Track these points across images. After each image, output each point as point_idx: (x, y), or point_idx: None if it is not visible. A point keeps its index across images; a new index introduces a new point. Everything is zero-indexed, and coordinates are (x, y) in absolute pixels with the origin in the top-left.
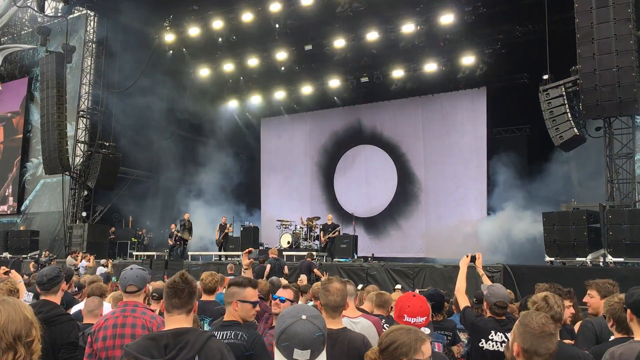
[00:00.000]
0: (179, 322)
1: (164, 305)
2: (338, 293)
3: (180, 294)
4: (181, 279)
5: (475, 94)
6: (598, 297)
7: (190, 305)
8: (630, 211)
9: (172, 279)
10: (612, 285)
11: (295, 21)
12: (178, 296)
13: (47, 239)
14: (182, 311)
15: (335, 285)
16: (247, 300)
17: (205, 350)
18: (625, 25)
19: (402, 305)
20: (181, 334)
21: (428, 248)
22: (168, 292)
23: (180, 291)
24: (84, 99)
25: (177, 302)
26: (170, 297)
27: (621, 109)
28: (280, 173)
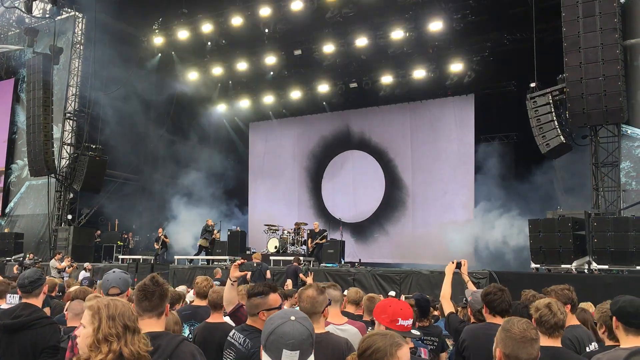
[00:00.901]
0: (150, 325)
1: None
2: (308, 300)
3: (151, 297)
4: (151, 281)
5: (463, 101)
6: None
7: (162, 308)
8: (615, 219)
9: (143, 282)
10: (569, 291)
11: (284, 26)
12: (148, 299)
13: (32, 242)
14: (152, 314)
15: (308, 292)
16: (273, 307)
17: (177, 354)
18: (611, 34)
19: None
20: (153, 338)
21: (415, 254)
22: (138, 295)
23: (151, 294)
24: (71, 100)
25: (148, 305)
26: (140, 301)
27: (607, 117)
28: (268, 177)
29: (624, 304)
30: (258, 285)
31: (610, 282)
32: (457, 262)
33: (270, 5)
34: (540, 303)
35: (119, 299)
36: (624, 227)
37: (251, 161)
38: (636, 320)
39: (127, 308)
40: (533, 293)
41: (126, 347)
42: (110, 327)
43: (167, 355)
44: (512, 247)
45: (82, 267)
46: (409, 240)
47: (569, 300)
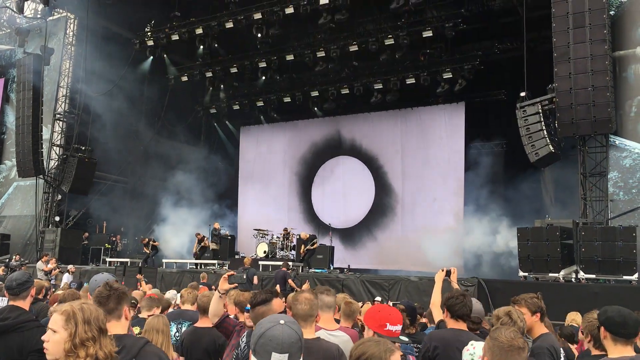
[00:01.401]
0: (112, 328)
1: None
2: (306, 302)
3: (106, 302)
4: (104, 287)
5: (453, 108)
6: (529, 313)
7: (119, 311)
8: (603, 228)
9: (98, 289)
10: (538, 299)
11: (277, 31)
12: (103, 304)
13: (19, 243)
14: (110, 318)
15: (305, 295)
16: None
17: (142, 354)
18: (601, 45)
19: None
20: (117, 339)
21: (404, 260)
22: (94, 302)
23: (105, 298)
24: (61, 102)
25: (104, 310)
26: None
27: (596, 127)
28: (258, 182)
29: (612, 314)
30: (260, 294)
31: (598, 291)
32: (446, 270)
33: (262, 9)
34: (501, 311)
35: (89, 302)
36: (611, 237)
37: (241, 165)
38: (624, 330)
39: (100, 311)
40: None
41: (101, 350)
42: (86, 332)
43: (132, 355)
44: (501, 255)
45: (65, 269)
46: (398, 247)
47: (537, 308)
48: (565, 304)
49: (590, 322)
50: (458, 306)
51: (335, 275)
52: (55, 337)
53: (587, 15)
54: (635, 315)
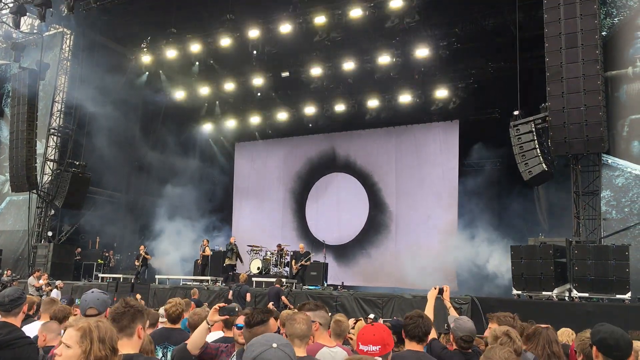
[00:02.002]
0: (122, 347)
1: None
2: (304, 322)
3: (119, 319)
4: (121, 304)
5: (448, 126)
6: None
7: (131, 329)
8: (596, 247)
9: (114, 305)
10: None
11: (273, 48)
12: (117, 321)
13: (10, 258)
14: (122, 335)
15: (301, 315)
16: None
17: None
18: (593, 65)
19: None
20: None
21: (397, 278)
22: (109, 318)
23: (120, 315)
24: (56, 116)
25: (116, 327)
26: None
27: (588, 146)
28: (253, 198)
29: (605, 335)
30: (257, 314)
31: (591, 310)
32: (439, 288)
33: (259, 27)
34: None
35: (104, 320)
36: (604, 256)
37: (236, 181)
38: (617, 352)
39: (114, 331)
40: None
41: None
42: (100, 350)
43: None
44: (494, 273)
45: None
46: (392, 264)
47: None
48: (558, 323)
49: (583, 341)
50: (410, 327)
51: (328, 292)
52: (68, 353)
53: (579, 35)
54: (628, 336)
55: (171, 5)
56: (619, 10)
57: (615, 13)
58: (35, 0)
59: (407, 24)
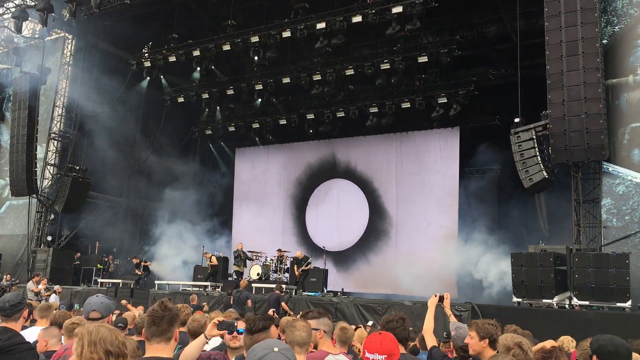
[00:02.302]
0: (158, 350)
1: (145, 334)
2: (304, 329)
3: (159, 322)
4: (160, 307)
5: (448, 133)
6: (477, 338)
7: (170, 334)
8: (596, 255)
9: (152, 307)
10: (492, 326)
11: (274, 54)
12: (156, 324)
13: (10, 263)
14: (161, 339)
15: (302, 322)
16: None
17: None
18: (594, 73)
19: (366, 341)
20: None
21: (397, 284)
22: (147, 321)
23: (159, 319)
24: (57, 121)
25: (156, 330)
26: (149, 326)
27: (589, 154)
28: (253, 203)
29: (605, 343)
30: (258, 321)
31: (591, 318)
32: (439, 296)
33: (260, 33)
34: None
35: (105, 325)
36: (604, 264)
37: (236, 187)
38: (617, 359)
39: (111, 334)
40: (514, 328)
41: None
42: (92, 352)
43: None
44: (495, 280)
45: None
46: (391, 271)
47: (487, 334)
48: (558, 331)
49: (584, 350)
50: (398, 330)
51: (328, 299)
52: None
53: (580, 43)
54: (628, 345)
55: (173, 11)
56: (619, 19)
57: (616, 21)
58: (37, 5)
59: (408, 31)
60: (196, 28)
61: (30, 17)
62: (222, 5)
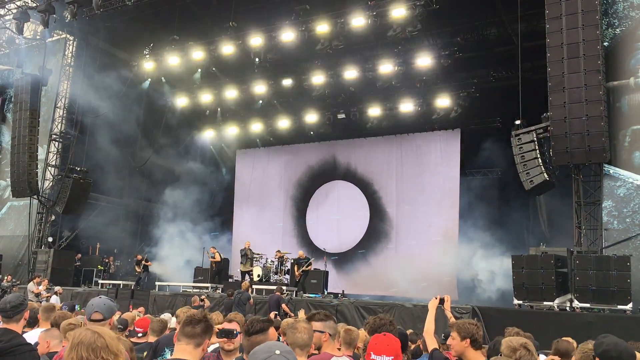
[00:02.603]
0: (184, 352)
1: (177, 335)
2: (305, 332)
3: (196, 324)
4: (201, 314)
5: (449, 135)
6: (459, 338)
7: (201, 339)
8: (597, 257)
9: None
10: (474, 326)
11: (275, 56)
12: (192, 325)
13: (10, 264)
14: (190, 341)
15: (303, 324)
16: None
17: None
18: (595, 76)
19: (371, 343)
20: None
21: (398, 286)
22: (185, 320)
23: (197, 322)
24: (58, 122)
25: (190, 331)
26: (184, 325)
27: (590, 156)
28: (254, 205)
29: (609, 347)
30: (256, 323)
31: (592, 320)
32: (440, 298)
33: (261, 35)
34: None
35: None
36: (605, 266)
37: (237, 188)
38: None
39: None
40: (517, 330)
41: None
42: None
43: None
44: (495, 282)
45: (52, 290)
46: (392, 272)
47: (468, 334)
48: (559, 333)
49: (585, 352)
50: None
51: (329, 301)
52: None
53: (581, 46)
54: (632, 349)
55: (174, 12)
56: (620, 21)
57: (617, 24)
58: (39, 7)
59: (409, 33)
60: (197, 29)
61: (32, 19)
62: (223, 7)
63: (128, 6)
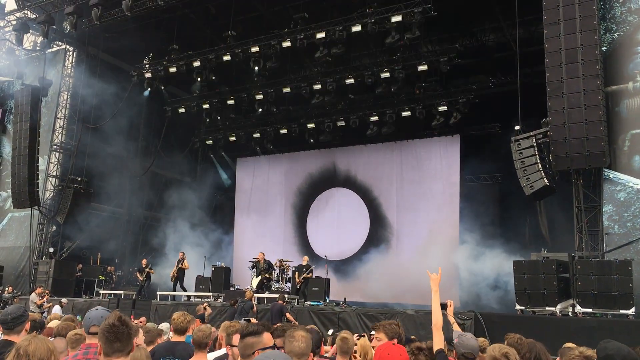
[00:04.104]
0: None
1: (102, 350)
2: (303, 340)
3: (121, 337)
4: (120, 321)
5: (449, 141)
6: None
7: (130, 347)
8: (598, 262)
9: (111, 323)
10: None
11: (274, 64)
12: (119, 340)
13: (11, 275)
14: (122, 354)
15: (301, 332)
16: (268, 347)
17: None
18: (593, 81)
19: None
20: None
21: (399, 293)
22: (108, 337)
23: (122, 334)
24: (58, 133)
25: (119, 346)
26: (111, 342)
27: (590, 161)
28: (254, 213)
29: (612, 352)
30: (251, 325)
31: (595, 325)
32: (441, 304)
33: (260, 43)
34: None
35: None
36: (607, 271)
37: (238, 197)
38: None
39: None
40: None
41: None
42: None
43: None
44: (497, 288)
45: (57, 301)
46: (393, 279)
47: (395, 334)
48: (562, 339)
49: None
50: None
51: (331, 308)
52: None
53: (579, 51)
54: (634, 354)
55: (173, 22)
56: (618, 26)
57: (615, 28)
58: (38, 18)
59: (407, 40)
60: (196, 39)
61: (31, 30)
62: (222, 16)
63: (127, 17)
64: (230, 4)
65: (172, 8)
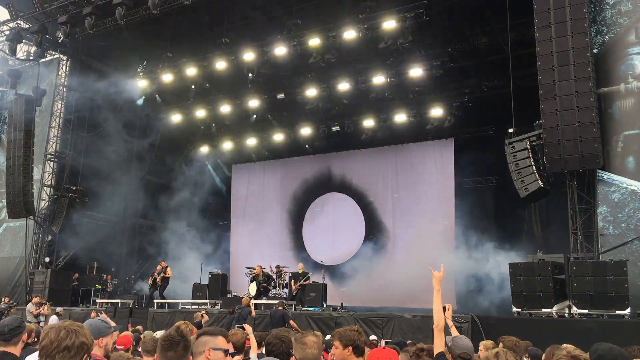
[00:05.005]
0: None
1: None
2: (315, 346)
3: (176, 347)
4: (177, 332)
5: (443, 145)
6: (341, 347)
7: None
8: (594, 263)
9: (169, 333)
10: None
11: (268, 70)
12: (174, 349)
13: (7, 285)
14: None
15: (312, 338)
16: (219, 348)
17: None
18: (585, 83)
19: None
20: None
21: (396, 297)
22: (164, 345)
23: (176, 344)
24: (52, 142)
25: (173, 356)
26: (165, 350)
27: (583, 163)
28: (250, 219)
29: (603, 352)
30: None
31: (591, 326)
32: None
33: (254, 50)
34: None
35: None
36: (602, 272)
37: (233, 203)
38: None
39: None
40: (515, 340)
41: None
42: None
43: None
44: (494, 291)
45: (53, 311)
46: (390, 283)
47: (350, 342)
48: (559, 340)
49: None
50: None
51: (328, 313)
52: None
53: (571, 53)
54: (626, 353)
55: (166, 30)
56: (609, 28)
57: (606, 31)
58: (32, 28)
59: (400, 45)
60: (190, 46)
61: (25, 40)
62: (215, 24)
63: (120, 25)
64: (224, 12)
65: (165, 16)
